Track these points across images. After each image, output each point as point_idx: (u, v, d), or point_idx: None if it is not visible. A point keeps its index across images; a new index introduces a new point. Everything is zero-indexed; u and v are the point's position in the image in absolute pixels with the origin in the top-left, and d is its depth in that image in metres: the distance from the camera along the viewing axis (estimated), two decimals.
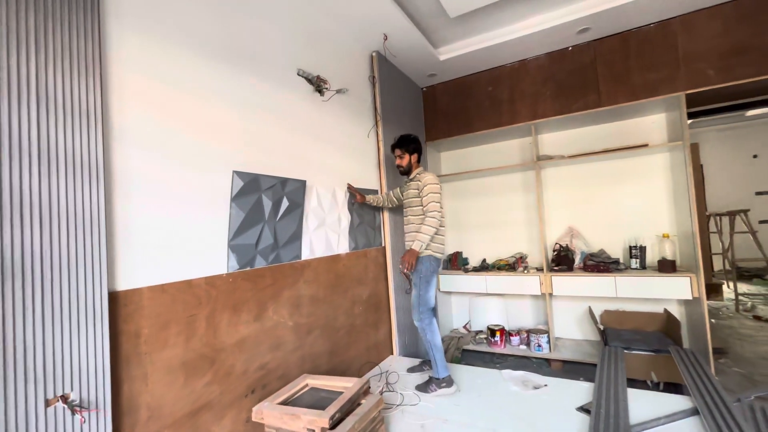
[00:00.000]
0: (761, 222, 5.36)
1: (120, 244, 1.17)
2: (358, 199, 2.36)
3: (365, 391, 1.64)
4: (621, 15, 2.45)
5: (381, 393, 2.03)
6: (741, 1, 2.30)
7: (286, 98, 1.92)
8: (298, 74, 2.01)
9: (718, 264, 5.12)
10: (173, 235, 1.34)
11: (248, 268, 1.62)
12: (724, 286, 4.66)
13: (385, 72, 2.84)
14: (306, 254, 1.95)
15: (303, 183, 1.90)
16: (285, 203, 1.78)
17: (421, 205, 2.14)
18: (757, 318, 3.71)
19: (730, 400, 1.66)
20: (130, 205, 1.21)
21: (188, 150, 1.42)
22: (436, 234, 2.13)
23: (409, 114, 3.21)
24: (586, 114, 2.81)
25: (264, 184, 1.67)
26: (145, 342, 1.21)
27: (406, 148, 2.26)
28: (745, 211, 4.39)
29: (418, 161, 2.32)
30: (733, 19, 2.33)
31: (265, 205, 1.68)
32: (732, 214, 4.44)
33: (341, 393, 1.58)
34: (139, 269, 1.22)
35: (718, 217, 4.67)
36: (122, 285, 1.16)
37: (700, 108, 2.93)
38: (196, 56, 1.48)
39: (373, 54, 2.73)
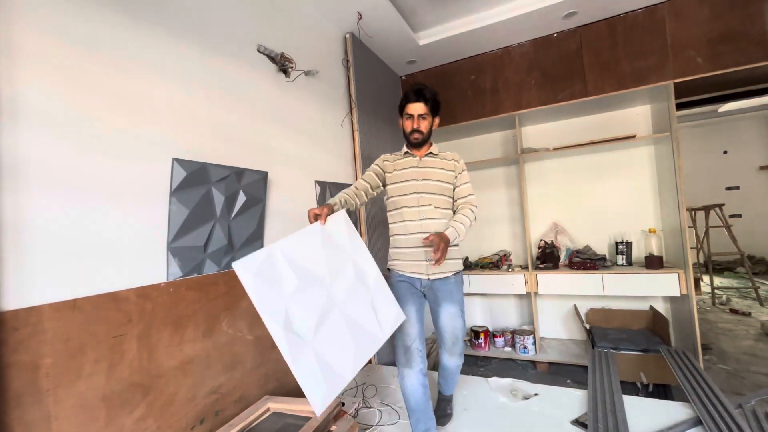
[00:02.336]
0: (731, 216, 5.47)
1: (6, 250, 0.89)
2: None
3: (337, 415, 1.42)
4: None
5: (357, 411, 1.81)
6: None
7: (244, 77, 1.66)
8: (259, 51, 1.75)
9: (693, 258, 5.19)
10: (90, 237, 1.07)
11: (195, 275, 1.36)
12: (700, 280, 4.72)
13: (361, 56, 2.61)
14: None
15: (264, 175, 1.65)
16: (242, 198, 1.52)
17: (451, 196, 1.58)
18: (734, 311, 3.73)
19: (731, 406, 1.55)
20: (25, 202, 0.94)
21: (113, 133, 1.15)
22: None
23: (386, 103, 2.99)
24: (572, 104, 2.67)
25: (214, 175, 1.41)
26: (48, 375, 0.94)
27: (434, 107, 1.57)
28: (720, 206, 4.43)
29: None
30: (723, 5, 2.23)
31: (216, 199, 1.42)
32: (707, 209, 4.48)
33: (309, 418, 1.36)
34: (38, 282, 0.95)
35: (693, 212, 4.71)
36: (9, 303, 0.89)
37: (683, 99, 2.86)
38: (125, 19, 1.20)
39: (347, 35, 2.49)
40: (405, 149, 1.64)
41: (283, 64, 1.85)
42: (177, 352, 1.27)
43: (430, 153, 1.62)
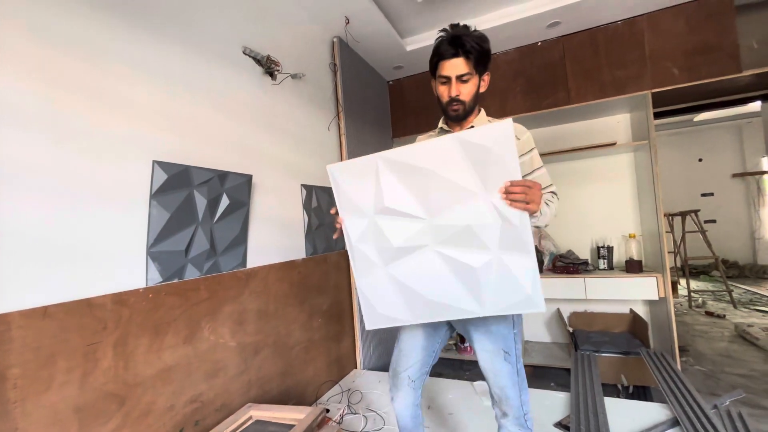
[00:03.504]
0: (706, 221, 5.67)
1: None
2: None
3: (321, 422, 1.40)
4: (589, 10, 2.38)
5: (342, 417, 1.79)
6: (705, 0, 2.30)
7: (229, 78, 1.64)
8: (244, 53, 1.73)
9: (671, 262, 5.36)
10: (64, 241, 1.03)
11: (176, 280, 1.32)
12: (677, 284, 4.86)
13: (348, 60, 2.61)
14: (253, 261, 1.68)
15: (248, 178, 1.62)
16: (225, 201, 1.50)
17: None
18: (709, 314, 3.85)
19: (707, 407, 1.59)
20: None
21: (90, 133, 1.11)
22: None
23: (374, 107, 3.00)
24: (556, 112, 2.73)
25: (197, 178, 1.38)
26: (15, 386, 0.90)
27: (480, 60, 1.09)
28: (696, 212, 4.59)
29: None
30: (697, 19, 2.32)
31: (198, 203, 1.39)
32: (684, 215, 4.63)
33: (292, 426, 1.34)
34: (6, 288, 0.90)
35: (671, 217, 4.86)
36: None
37: (660, 109, 2.95)
38: (105, 15, 1.17)
39: (335, 39, 2.49)
40: (440, 124, 1.24)
41: (269, 67, 1.83)
42: (155, 360, 1.23)
43: (471, 127, 1.13)
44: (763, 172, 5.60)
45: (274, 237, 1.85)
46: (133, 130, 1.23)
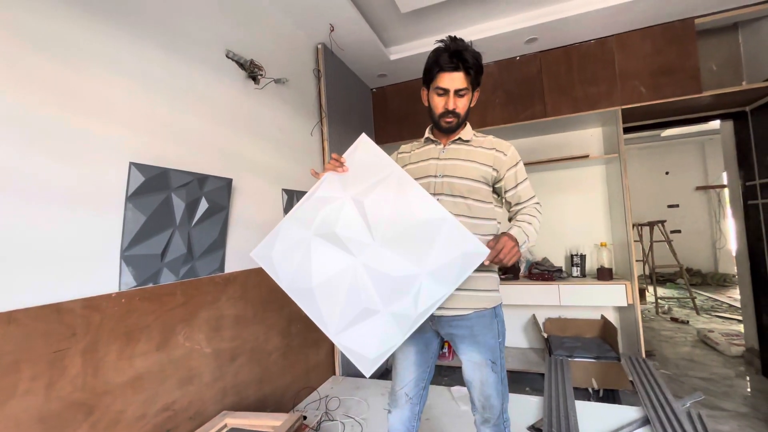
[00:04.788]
0: (672, 231, 5.97)
1: None
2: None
3: (298, 429, 1.39)
4: (564, 28, 2.50)
5: (319, 424, 1.78)
6: (669, 24, 2.46)
7: (211, 81, 1.63)
8: (227, 56, 1.73)
9: (639, 270, 5.60)
10: (33, 244, 0.99)
11: (150, 285, 1.29)
12: (646, 291, 5.08)
13: (332, 67, 2.63)
14: (231, 266, 1.66)
15: (228, 182, 1.61)
16: (203, 205, 1.48)
17: (488, 202, 1.17)
18: (675, 320, 4.04)
19: (678, 408, 1.67)
20: None
21: (63, 133, 1.08)
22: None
23: (357, 114, 3.02)
24: (533, 124, 2.83)
25: (175, 181, 1.36)
26: None
27: (477, 77, 1.12)
28: (662, 222, 4.82)
29: None
30: (662, 41, 2.48)
31: (176, 206, 1.37)
32: (652, 225, 4.86)
33: None
34: None
35: (639, 227, 5.09)
36: None
37: (629, 124, 3.11)
38: (80, 13, 1.15)
39: (319, 46, 2.50)
40: (427, 134, 1.24)
41: (252, 71, 1.83)
42: (127, 367, 1.20)
43: (459, 139, 1.18)
44: (723, 186, 5.96)
45: (253, 241, 1.81)
46: (110, 132, 1.20)
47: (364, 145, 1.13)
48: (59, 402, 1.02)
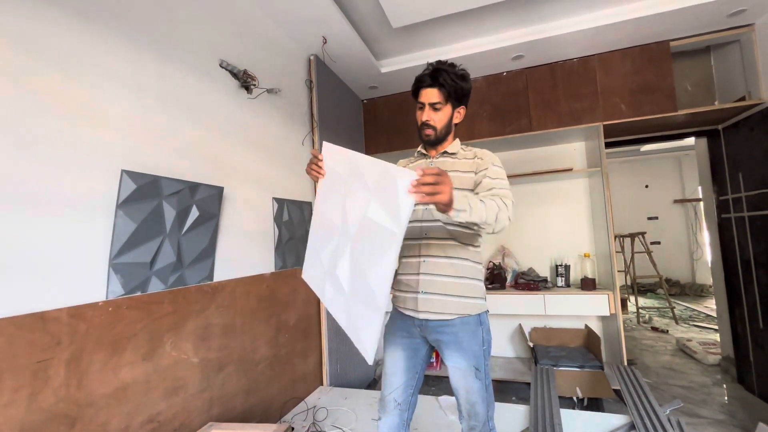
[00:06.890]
0: (652, 243, 6.16)
1: None
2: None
3: None
4: (550, 46, 2.60)
5: None
6: (648, 46, 2.59)
7: (204, 91, 1.64)
8: (221, 66, 1.74)
9: (620, 280, 5.74)
10: (18, 251, 0.98)
11: (138, 293, 1.28)
12: (627, 301, 5.20)
13: (324, 78, 2.67)
14: (220, 275, 1.65)
15: (219, 190, 1.61)
16: (194, 213, 1.47)
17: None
18: (655, 329, 4.15)
19: (662, 414, 1.72)
20: None
21: (54, 140, 1.08)
22: (476, 264, 1.24)
23: (348, 124, 3.06)
24: (519, 137, 2.92)
25: (166, 189, 1.36)
26: None
27: (455, 93, 1.18)
28: (643, 234, 4.98)
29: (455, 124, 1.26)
30: (641, 62, 2.60)
31: (167, 214, 1.36)
32: (633, 236, 5.01)
33: None
34: None
35: (621, 238, 5.24)
36: None
37: (611, 139, 3.23)
38: (75, 20, 1.15)
39: (312, 57, 2.54)
40: (419, 149, 1.35)
41: (245, 81, 1.85)
42: (112, 378, 1.18)
43: (446, 152, 1.25)
44: (699, 200, 6.19)
45: (243, 250, 1.82)
46: (102, 139, 1.20)
47: (327, 151, 1.24)
48: (41, 413, 0.99)
